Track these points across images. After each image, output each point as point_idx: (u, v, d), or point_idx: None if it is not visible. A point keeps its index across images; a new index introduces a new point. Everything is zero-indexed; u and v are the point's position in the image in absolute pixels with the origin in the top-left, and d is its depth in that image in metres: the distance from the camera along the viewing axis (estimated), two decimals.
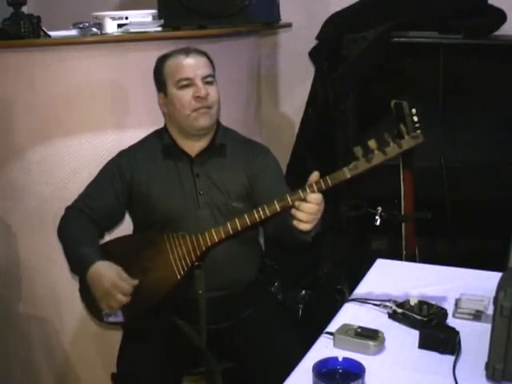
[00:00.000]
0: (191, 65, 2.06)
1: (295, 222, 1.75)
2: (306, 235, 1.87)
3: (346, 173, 1.72)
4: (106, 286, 1.90)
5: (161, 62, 2.11)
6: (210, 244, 1.92)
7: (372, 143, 1.69)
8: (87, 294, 2.01)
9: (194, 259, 1.94)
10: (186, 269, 1.94)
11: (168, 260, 1.94)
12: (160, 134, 2.17)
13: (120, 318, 1.97)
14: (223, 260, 2.03)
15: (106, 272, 1.92)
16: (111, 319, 1.98)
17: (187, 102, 2.04)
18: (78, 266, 2.01)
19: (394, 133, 1.73)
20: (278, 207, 1.80)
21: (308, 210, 1.73)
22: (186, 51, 2.09)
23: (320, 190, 1.74)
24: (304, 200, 1.73)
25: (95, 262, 1.94)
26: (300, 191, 1.75)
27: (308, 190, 1.73)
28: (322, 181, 1.74)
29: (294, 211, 1.74)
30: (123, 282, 1.90)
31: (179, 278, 1.94)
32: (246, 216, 1.86)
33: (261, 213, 1.83)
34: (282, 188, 2.06)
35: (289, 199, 1.77)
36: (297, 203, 1.73)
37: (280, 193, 1.84)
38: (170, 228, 2.02)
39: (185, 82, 2.05)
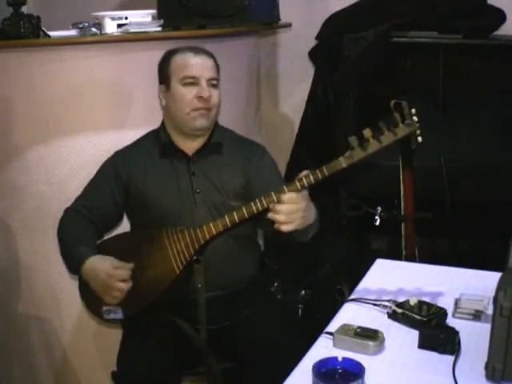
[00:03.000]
0: (199, 64, 2.07)
1: (276, 226, 1.74)
2: (302, 236, 1.88)
3: (342, 162, 1.73)
4: (103, 279, 1.91)
5: (169, 55, 2.11)
6: (208, 237, 1.92)
7: (367, 132, 1.69)
8: (86, 291, 2.02)
9: (192, 253, 1.94)
10: (184, 263, 1.94)
11: (167, 255, 1.95)
12: (157, 133, 2.17)
13: (120, 315, 1.97)
14: (222, 260, 2.04)
15: (100, 265, 1.94)
16: (111, 316, 1.98)
17: (189, 100, 2.04)
18: (74, 265, 2.03)
19: (388, 121, 1.74)
20: (275, 198, 1.80)
21: (285, 211, 1.73)
22: (196, 50, 2.10)
23: (317, 180, 1.75)
24: (279, 201, 1.73)
25: (88, 258, 1.95)
26: (296, 181, 1.75)
27: (304, 181, 1.74)
28: (318, 171, 1.74)
29: (271, 215, 1.74)
30: (118, 270, 1.92)
31: (178, 272, 1.94)
32: (243, 208, 1.86)
33: (258, 204, 1.83)
34: (279, 187, 2.06)
35: (286, 190, 1.77)
36: (271, 206, 1.73)
37: None
38: (167, 227, 2.02)
39: (190, 80, 2.05)
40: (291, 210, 1.73)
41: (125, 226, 2.26)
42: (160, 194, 2.08)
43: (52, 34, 2.32)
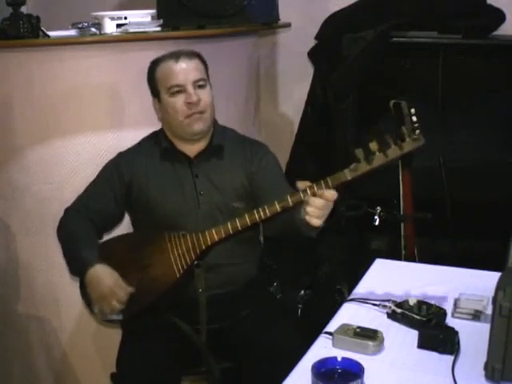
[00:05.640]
0: (181, 70, 2.05)
1: (308, 218, 1.74)
2: (311, 231, 1.88)
3: (347, 174, 1.73)
4: (103, 291, 1.93)
5: (152, 67, 2.12)
6: (210, 243, 1.93)
7: (373, 145, 1.69)
8: (87, 291, 2.01)
9: (193, 258, 1.94)
10: (185, 267, 1.94)
11: (168, 258, 1.95)
12: (158, 137, 2.17)
13: (119, 316, 1.98)
14: (223, 257, 2.04)
15: (105, 277, 1.94)
16: (110, 317, 1.98)
17: (179, 109, 2.04)
18: (77, 268, 2.03)
19: (394, 135, 1.74)
20: (278, 207, 1.81)
21: (321, 205, 1.73)
22: (177, 55, 2.08)
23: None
24: (318, 196, 1.73)
25: (94, 265, 1.96)
26: (301, 192, 1.75)
27: (309, 192, 1.73)
28: (322, 182, 1.74)
29: (307, 207, 1.73)
30: (120, 290, 1.93)
31: (178, 276, 1.94)
32: (246, 216, 1.86)
33: (261, 213, 1.84)
34: (282, 185, 2.07)
35: (289, 200, 1.78)
36: (310, 199, 1.73)
37: (281, 190, 1.85)
38: (169, 229, 2.02)
39: (176, 89, 2.05)
40: (326, 206, 1.73)
41: (125, 227, 2.26)
42: (163, 196, 2.09)
43: (51, 33, 2.32)
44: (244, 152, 2.16)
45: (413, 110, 1.87)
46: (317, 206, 1.72)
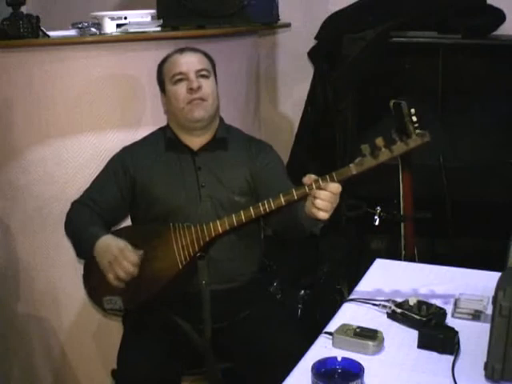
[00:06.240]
0: (185, 61, 2.10)
1: (314, 210, 1.74)
2: (315, 226, 1.89)
3: (352, 169, 1.73)
4: (114, 253, 1.92)
5: (161, 63, 2.17)
6: (214, 235, 1.93)
7: (379, 141, 1.70)
8: (91, 279, 2.03)
9: (197, 249, 1.95)
10: (188, 259, 1.95)
11: (171, 249, 1.96)
12: (163, 130, 2.20)
13: (120, 306, 1.97)
14: (223, 253, 2.04)
15: (114, 241, 1.95)
16: (112, 306, 1.98)
17: (181, 96, 2.07)
18: (86, 245, 2.02)
19: (396, 130, 1.74)
20: (283, 201, 1.81)
21: (327, 198, 1.73)
22: (182, 50, 2.14)
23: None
24: (323, 189, 1.73)
25: (102, 236, 1.97)
26: (306, 186, 1.76)
27: (314, 187, 1.74)
28: (328, 176, 1.74)
29: (313, 200, 1.73)
30: (130, 252, 1.92)
31: (181, 267, 1.94)
32: (251, 208, 1.87)
33: (266, 206, 1.84)
34: (285, 184, 2.08)
35: (294, 193, 1.79)
36: (316, 191, 1.73)
37: (284, 189, 1.85)
38: (171, 221, 2.02)
39: (178, 77, 2.09)
40: (332, 198, 1.73)
41: (129, 222, 2.26)
42: (165, 188, 2.09)
43: (51, 33, 2.32)
44: (248, 150, 2.17)
45: (413, 110, 1.87)
46: (323, 199, 1.72)
